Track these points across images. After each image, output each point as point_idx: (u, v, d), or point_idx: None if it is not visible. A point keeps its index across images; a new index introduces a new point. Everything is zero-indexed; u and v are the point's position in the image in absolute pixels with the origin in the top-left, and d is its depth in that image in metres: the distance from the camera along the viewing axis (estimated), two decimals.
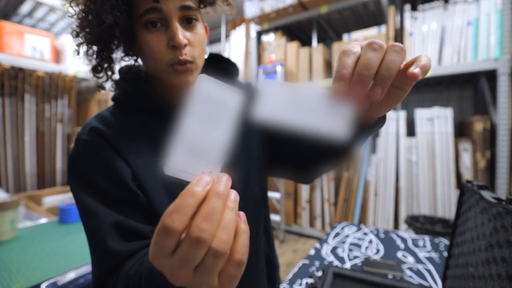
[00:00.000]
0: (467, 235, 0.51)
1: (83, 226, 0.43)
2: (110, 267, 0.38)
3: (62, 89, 2.10)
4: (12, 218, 0.97)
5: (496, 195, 0.46)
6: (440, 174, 1.95)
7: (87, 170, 0.42)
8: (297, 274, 0.76)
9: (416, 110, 2.06)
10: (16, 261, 0.78)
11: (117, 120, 0.46)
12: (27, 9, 2.43)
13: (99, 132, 0.43)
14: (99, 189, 0.41)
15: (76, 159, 0.44)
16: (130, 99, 0.47)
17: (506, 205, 0.38)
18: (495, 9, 1.80)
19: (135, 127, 0.46)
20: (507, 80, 1.74)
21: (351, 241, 0.98)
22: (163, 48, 0.40)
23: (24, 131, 1.91)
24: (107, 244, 0.38)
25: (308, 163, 0.53)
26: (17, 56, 2.01)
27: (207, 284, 0.21)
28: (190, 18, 0.41)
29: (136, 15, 0.40)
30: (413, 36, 2.09)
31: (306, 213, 2.60)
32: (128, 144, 0.44)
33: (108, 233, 0.38)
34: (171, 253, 0.20)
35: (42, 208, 1.42)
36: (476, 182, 0.52)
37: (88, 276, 0.76)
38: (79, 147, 0.44)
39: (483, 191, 0.48)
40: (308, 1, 2.41)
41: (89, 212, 0.40)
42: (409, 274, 0.75)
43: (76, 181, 0.43)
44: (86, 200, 0.41)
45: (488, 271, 0.40)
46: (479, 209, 0.47)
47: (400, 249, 0.91)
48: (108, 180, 0.42)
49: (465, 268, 0.49)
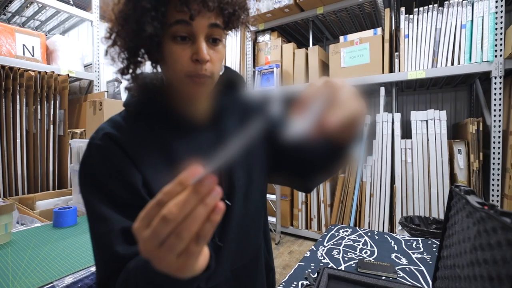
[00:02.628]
0: (455, 237, 0.52)
1: (90, 228, 0.43)
2: (115, 269, 0.39)
3: (54, 89, 2.09)
4: (6, 223, 0.97)
5: (481, 200, 0.47)
6: (435, 176, 1.97)
7: (99, 174, 0.43)
8: (293, 276, 0.77)
9: (411, 112, 2.08)
10: (12, 267, 0.78)
11: (129, 126, 0.47)
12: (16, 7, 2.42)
13: (112, 137, 0.44)
14: (110, 193, 0.42)
15: (88, 163, 0.45)
16: (142, 106, 0.48)
17: (488, 211, 0.39)
18: (488, 12, 1.83)
19: (146, 134, 0.47)
20: (500, 82, 1.76)
21: (346, 243, 0.99)
22: (186, 60, 0.42)
23: (16, 132, 1.89)
24: (115, 248, 0.39)
25: (308, 171, 0.55)
26: (7, 56, 2.00)
27: (165, 261, 0.24)
28: (215, 38, 0.44)
29: (166, 24, 0.40)
30: (408, 38, 2.12)
31: (302, 215, 2.61)
32: (140, 150, 0.45)
33: (116, 238, 0.39)
34: (147, 226, 0.24)
35: (35, 212, 1.41)
36: (463, 187, 0.54)
37: (86, 280, 0.76)
38: (92, 151, 0.45)
39: (469, 196, 0.49)
40: (304, 2, 2.43)
41: (99, 216, 0.41)
42: (402, 275, 0.76)
43: (87, 184, 0.44)
44: (96, 204, 0.42)
45: (472, 272, 0.41)
46: (465, 213, 0.48)
47: (394, 250, 0.92)
48: (120, 185, 0.43)
49: (453, 269, 0.50)
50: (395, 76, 2.15)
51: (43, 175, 2.01)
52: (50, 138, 2.05)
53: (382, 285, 0.65)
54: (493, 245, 0.37)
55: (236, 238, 0.52)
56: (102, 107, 1.47)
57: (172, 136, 0.48)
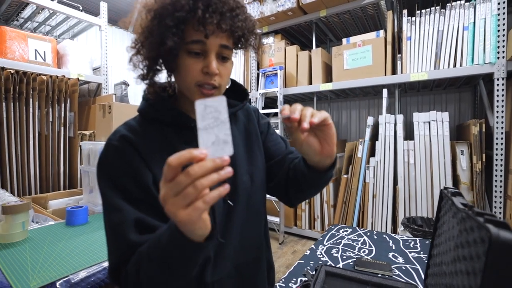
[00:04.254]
0: (443, 237, 0.55)
1: (105, 218, 0.49)
2: (127, 256, 0.44)
3: (65, 93, 2.16)
4: (23, 221, 1.03)
5: (465, 201, 0.50)
6: (438, 177, 1.98)
7: (115, 171, 0.49)
8: (292, 272, 0.81)
9: (414, 113, 2.09)
10: (30, 261, 0.83)
11: (143, 130, 0.53)
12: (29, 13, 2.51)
13: (128, 139, 0.50)
14: (124, 189, 0.48)
15: (105, 162, 0.50)
16: (155, 112, 0.54)
17: (467, 211, 0.43)
18: (490, 14, 1.83)
19: (158, 138, 0.53)
20: (502, 84, 1.77)
21: (345, 243, 1.02)
22: (197, 71, 0.48)
23: (29, 134, 1.97)
24: (128, 236, 0.44)
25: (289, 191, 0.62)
26: (20, 60, 2.09)
27: (177, 206, 0.31)
28: (225, 56, 0.50)
29: (183, 40, 0.46)
30: (411, 40, 2.13)
31: (305, 215, 2.64)
32: (151, 152, 0.51)
33: (129, 227, 0.45)
34: (168, 181, 0.31)
35: (47, 211, 1.47)
36: (451, 189, 0.57)
37: (98, 275, 0.81)
38: (109, 151, 0.50)
39: (454, 198, 0.52)
40: (307, 5, 2.46)
41: (115, 207, 0.46)
42: (398, 273, 0.79)
43: (104, 180, 0.50)
44: (112, 197, 0.47)
45: (454, 268, 0.45)
46: (452, 213, 0.52)
47: (392, 250, 0.96)
48: (133, 182, 0.48)
49: (440, 267, 0.54)
50: (398, 78, 2.17)
51: (55, 175, 2.08)
52: (61, 139, 2.12)
53: (376, 282, 0.68)
54: (470, 243, 0.41)
55: (238, 236, 0.57)
56: (111, 110, 1.53)
57: (180, 140, 0.54)
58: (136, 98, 4.30)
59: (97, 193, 1.46)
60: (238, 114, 0.65)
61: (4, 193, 1.28)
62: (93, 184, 1.48)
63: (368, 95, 3.06)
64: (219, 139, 0.33)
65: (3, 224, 0.99)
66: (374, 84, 2.29)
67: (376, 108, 3.05)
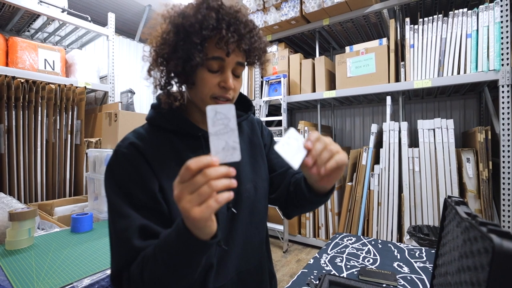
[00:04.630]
0: (447, 246, 0.55)
1: (111, 223, 0.50)
2: (130, 261, 0.45)
3: (72, 101, 2.21)
4: (30, 227, 1.05)
5: (469, 211, 0.50)
6: (444, 184, 1.96)
7: (123, 178, 0.50)
8: (296, 282, 0.80)
9: (418, 121, 2.08)
10: (35, 268, 0.84)
11: (151, 138, 0.54)
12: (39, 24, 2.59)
13: (136, 147, 0.51)
14: (130, 195, 0.49)
15: (114, 168, 0.51)
16: (164, 121, 0.56)
17: (471, 220, 0.42)
18: (493, 21, 1.84)
19: (165, 146, 0.54)
20: (507, 91, 1.76)
21: (350, 251, 1.01)
22: (214, 85, 0.51)
23: (36, 142, 2.01)
24: (132, 242, 0.45)
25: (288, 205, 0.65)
26: (31, 70, 2.15)
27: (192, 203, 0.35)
28: (238, 73, 0.54)
29: (203, 55, 0.48)
30: (414, 48, 2.14)
31: (310, 223, 2.61)
32: (159, 160, 0.52)
33: (134, 233, 0.46)
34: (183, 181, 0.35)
35: (53, 218, 1.49)
36: (456, 197, 0.57)
37: (102, 282, 0.82)
38: (118, 157, 0.51)
39: (458, 207, 0.52)
40: (310, 14, 2.50)
41: (121, 213, 0.48)
42: (403, 283, 0.78)
43: (112, 186, 0.51)
44: (118, 203, 0.49)
45: (459, 279, 0.44)
46: (456, 222, 0.51)
47: (397, 259, 0.94)
48: (139, 189, 0.49)
49: (445, 277, 0.53)
50: (401, 86, 2.17)
51: (61, 182, 2.11)
52: (67, 147, 2.16)
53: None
54: (474, 253, 0.40)
55: (241, 244, 0.58)
56: (117, 118, 1.55)
57: (187, 148, 0.55)
58: (141, 105, 4.36)
59: (102, 200, 1.47)
60: (243, 125, 0.67)
61: (12, 200, 1.30)
62: (98, 191, 1.49)
63: (372, 102, 3.06)
64: (229, 146, 0.36)
65: (10, 230, 1.01)
66: (377, 92, 2.29)
67: (380, 115, 3.04)
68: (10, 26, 2.55)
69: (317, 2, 2.40)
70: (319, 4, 2.39)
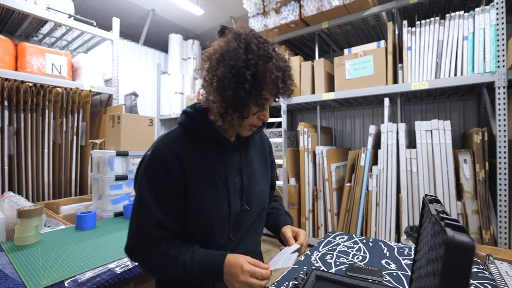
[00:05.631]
0: (423, 242, 0.59)
1: (134, 210, 0.62)
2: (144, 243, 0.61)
3: (78, 104, 2.28)
4: (37, 224, 1.10)
5: (440, 208, 0.54)
6: (441, 185, 1.98)
7: (154, 176, 0.61)
8: (285, 276, 0.84)
9: (415, 122, 2.10)
10: (42, 262, 0.90)
11: (184, 141, 0.65)
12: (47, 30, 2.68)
13: (172, 151, 0.62)
14: (157, 191, 0.61)
15: (148, 164, 0.62)
16: (197, 130, 0.66)
17: (436, 216, 0.46)
18: (489, 23, 1.86)
19: (196, 149, 0.65)
20: (504, 92, 1.78)
21: (341, 249, 1.05)
22: (255, 118, 0.64)
23: (44, 144, 2.09)
24: (151, 232, 0.60)
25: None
26: (38, 74, 2.23)
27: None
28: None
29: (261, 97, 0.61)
30: (412, 50, 2.16)
31: (309, 223, 2.64)
32: (190, 161, 0.63)
33: (153, 225, 0.60)
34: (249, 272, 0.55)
35: (59, 216, 1.55)
36: (431, 196, 0.60)
37: (103, 276, 0.87)
38: (154, 155, 0.62)
39: (431, 204, 0.56)
40: (309, 18, 2.54)
41: (146, 207, 0.60)
42: (388, 279, 0.82)
43: (143, 180, 0.62)
44: (146, 197, 0.60)
45: (427, 271, 0.48)
46: (428, 219, 0.55)
47: (385, 257, 0.98)
48: (167, 186, 0.61)
49: (419, 270, 0.57)
50: (399, 87, 2.19)
51: (67, 182, 2.18)
52: (73, 148, 2.23)
53: (363, 286, 0.71)
54: (437, 246, 0.44)
55: (246, 233, 0.71)
56: (120, 121, 1.61)
57: (213, 152, 0.67)
58: (145, 108, 4.44)
59: (106, 199, 1.53)
60: (255, 137, 0.79)
61: (20, 199, 1.36)
62: (101, 191, 1.55)
63: (371, 104, 3.08)
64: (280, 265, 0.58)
65: (18, 227, 1.07)
66: (375, 94, 2.32)
67: (380, 117, 3.06)
68: (20, 32, 2.64)
69: (315, 6, 2.44)
70: (318, 8, 2.43)
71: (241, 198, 0.68)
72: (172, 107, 4.39)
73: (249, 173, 0.71)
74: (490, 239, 1.83)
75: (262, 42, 0.61)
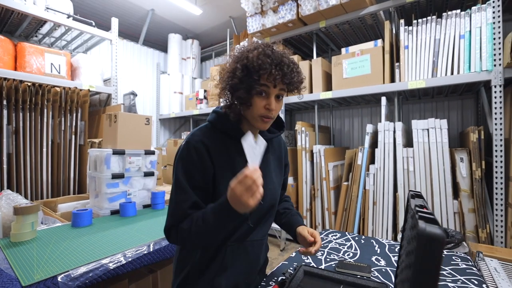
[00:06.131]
0: (405, 236, 0.59)
1: (172, 193, 0.71)
2: (180, 221, 0.68)
3: (77, 103, 2.30)
4: (33, 221, 1.12)
5: (422, 203, 0.54)
6: (437, 184, 1.98)
7: (190, 165, 0.70)
8: (275, 272, 0.85)
9: (412, 121, 2.10)
10: (36, 257, 0.91)
11: (212, 136, 0.74)
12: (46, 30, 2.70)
13: (203, 142, 0.71)
14: (192, 178, 0.70)
15: (184, 155, 0.71)
16: (225, 127, 0.75)
17: (414, 209, 0.47)
18: (486, 22, 1.85)
19: (221, 144, 0.74)
20: (500, 91, 1.77)
21: (332, 246, 1.06)
22: (262, 107, 0.70)
23: (42, 142, 2.10)
24: (186, 210, 0.68)
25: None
26: (37, 74, 2.25)
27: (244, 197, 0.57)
28: (280, 96, 0.72)
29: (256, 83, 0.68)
30: (408, 49, 2.17)
31: (307, 222, 2.65)
32: (217, 154, 0.72)
33: (188, 205, 0.69)
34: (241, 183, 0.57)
35: (56, 214, 1.57)
36: (414, 192, 0.61)
37: (96, 271, 0.88)
38: (189, 148, 0.71)
39: (413, 199, 0.56)
40: (307, 17, 2.54)
41: (183, 188, 0.69)
42: (377, 275, 0.82)
43: (179, 167, 0.71)
44: (182, 181, 0.70)
45: (405, 264, 0.49)
46: (410, 214, 0.56)
47: (376, 253, 0.98)
48: (200, 174, 0.70)
49: (402, 264, 0.57)
50: (396, 86, 2.20)
51: (65, 181, 2.20)
52: (72, 147, 2.25)
53: (350, 281, 0.72)
54: (413, 238, 0.45)
55: (261, 223, 0.80)
56: (116, 120, 1.63)
57: (235, 149, 0.74)
58: (145, 107, 4.46)
59: (103, 197, 1.55)
60: (273, 141, 0.86)
61: (17, 196, 1.38)
62: (98, 189, 1.57)
63: (370, 103, 3.08)
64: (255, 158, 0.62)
65: (15, 224, 1.08)
66: (372, 93, 2.32)
67: (378, 116, 3.06)
68: (19, 32, 2.66)
69: (313, 5, 2.44)
70: (315, 7, 2.43)
71: None
72: (171, 106, 4.40)
73: (265, 172, 0.78)
74: (486, 238, 1.83)
75: (257, 43, 0.70)
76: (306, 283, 0.73)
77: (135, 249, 1.02)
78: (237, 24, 4.16)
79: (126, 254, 0.98)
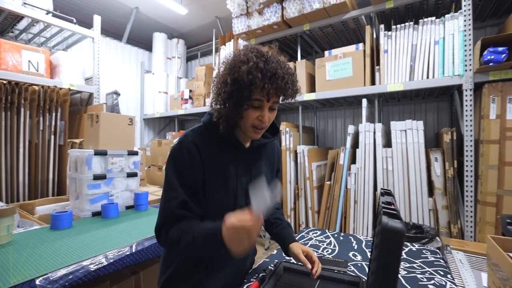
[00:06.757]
0: (376, 231, 0.63)
1: (163, 191, 0.72)
2: (170, 220, 0.68)
3: (56, 102, 2.23)
4: (8, 224, 1.09)
5: (390, 200, 0.58)
6: (414, 183, 2.07)
7: (180, 162, 0.71)
8: (256, 269, 0.88)
9: (391, 122, 2.19)
10: (12, 262, 0.89)
11: (205, 138, 0.74)
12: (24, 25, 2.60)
13: (195, 143, 0.72)
14: (182, 175, 0.70)
15: (176, 154, 0.72)
16: (216, 128, 0.74)
17: (379, 206, 0.51)
18: (458, 29, 1.97)
19: (213, 146, 0.74)
20: (470, 95, 1.89)
21: (312, 243, 1.09)
22: (254, 118, 0.70)
23: (19, 143, 2.02)
24: (174, 209, 0.68)
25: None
26: (14, 71, 2.16)
27: (237, 243, 0.58)
28: (274, 108, 0.72)
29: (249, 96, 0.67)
30: (387, 53, 2.26)
31: (291, 221, 2.70)
32: (208, 156, 0.72)
33: (178, 203, 0.69)
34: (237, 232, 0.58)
35: (34, 217, 1.52)
36: (385, 189, 0.65)
37: (76, 273, 0.87)
38: (182, 148, 0.71)
39: (382, 197, 0.60)
40: (291, 20, 2.59)
41: (173, 187, 0.70)
42: (352, 269, 0.87)
43: (171, 166, 0.72)
44: (173, 179, 0.70)
45: (373, 256, 0.53)
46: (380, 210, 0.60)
47: (353, 249, 1.03)
48: (189, 173, 0.70)
49: (372, 257, 0.61)
50: (376, 89, 2.28)
51: (44, 182, 2.13)
52: (51, 147, 2.18)
53: (326, 276, 0.75)
54: (379, 233, 0.49)
55: None
56: (98, 120, 1.60)
57: (226, 152, 0.76)
58: (128, 107, 4.37)
59: (83, 199, 1.51)
60: (267, 146, 0.86)
61: None
62: (79, 191, 1.54)
63: (352, 104, 3.18)
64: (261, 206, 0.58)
65: None
66: (354, 95, 2.40)
67: (360, 117, 3.16)
68: None
69: (297, 8, 2.49)
70: (299, 10, 2.48)
71: (246, 196, 0.77)
72: (156, 106, 4.34)
73: (256, 176, 0.80)
74: (457, 233, 1.94)
75: (252, 51, 0.69)
76: (285, 278, 0.76)
77: (117, 250, 1.02)
78: (223, 24, 4.16)
79: (108, 256, 0.98)
